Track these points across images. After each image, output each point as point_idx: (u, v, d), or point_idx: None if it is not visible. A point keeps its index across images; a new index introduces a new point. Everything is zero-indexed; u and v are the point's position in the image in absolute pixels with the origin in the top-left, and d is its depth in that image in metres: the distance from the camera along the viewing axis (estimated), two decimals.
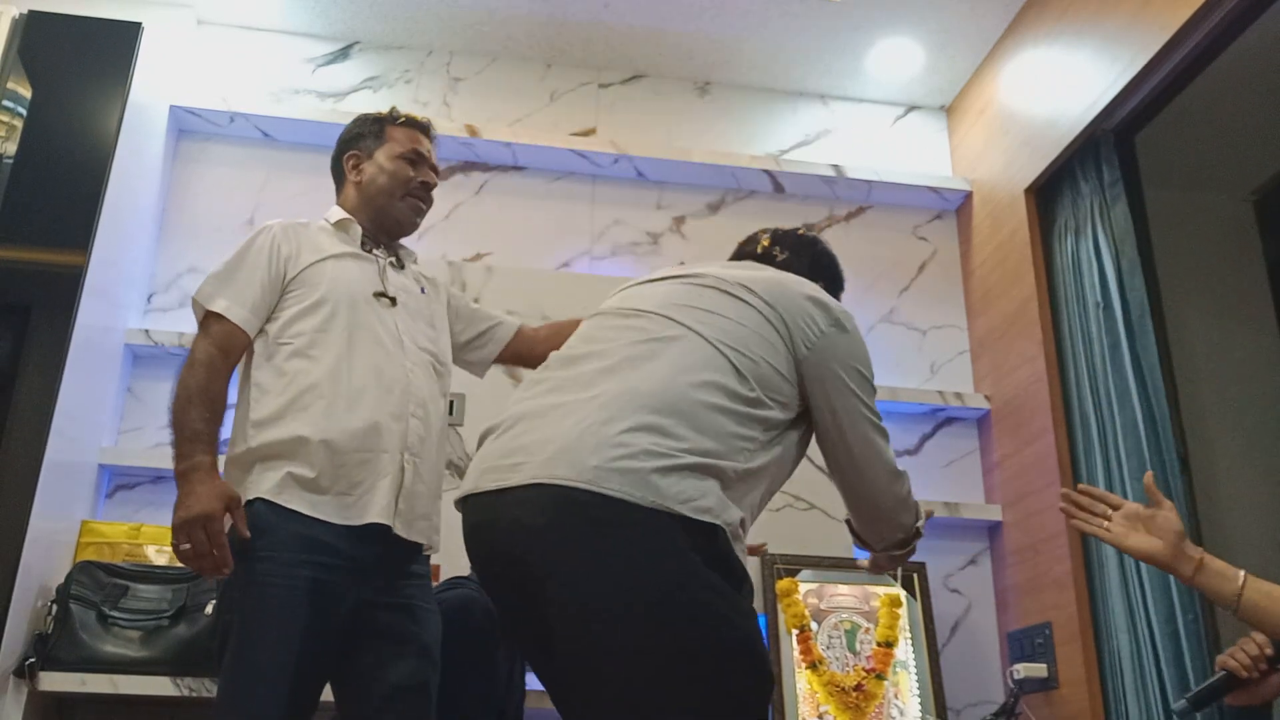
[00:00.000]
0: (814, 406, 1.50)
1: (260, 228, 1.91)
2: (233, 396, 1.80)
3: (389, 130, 2.04)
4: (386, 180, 1.99)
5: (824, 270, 1.79)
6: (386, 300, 1.89)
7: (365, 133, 2.05)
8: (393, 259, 1.99)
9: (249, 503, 1.70)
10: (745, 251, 1.81)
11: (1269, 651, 1.58)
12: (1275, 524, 3.06)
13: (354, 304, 1.84)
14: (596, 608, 1.25)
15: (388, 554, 1.76)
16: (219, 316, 1.79)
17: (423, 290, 2.00)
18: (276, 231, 1.90)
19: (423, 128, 2.07)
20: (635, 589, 1.24)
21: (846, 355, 1.51)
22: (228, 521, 1.65)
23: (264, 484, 1.70)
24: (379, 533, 1.74)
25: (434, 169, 2.07)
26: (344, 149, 2.06)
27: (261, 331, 1.84)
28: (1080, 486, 1.71)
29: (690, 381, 1.38)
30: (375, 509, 1.73)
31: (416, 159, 2.02)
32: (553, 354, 1.57)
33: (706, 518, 1.28)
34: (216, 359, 1.76)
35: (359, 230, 1.97)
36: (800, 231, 1.85)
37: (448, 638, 1.85)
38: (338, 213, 2.00)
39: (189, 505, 1.62)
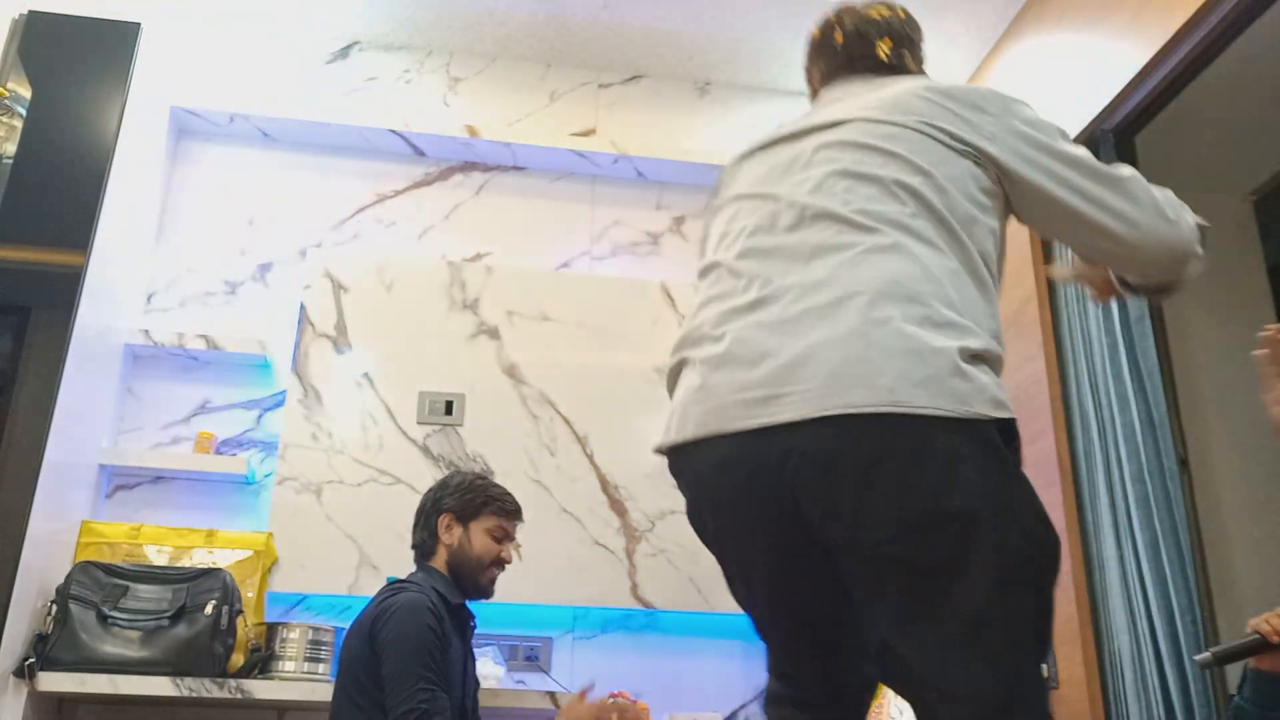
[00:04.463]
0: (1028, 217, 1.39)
1: None
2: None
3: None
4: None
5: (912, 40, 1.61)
6: None
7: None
8: None
9: None
10: (865, 65, 1.56)
11: None
12: (1275, 524, 3.06)
13: None
14: (919, 533, 1.13)
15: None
16: None
17: None
18: None
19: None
20: (959, 511, 1.12)
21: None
22: None
23: None
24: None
25: None
26: None
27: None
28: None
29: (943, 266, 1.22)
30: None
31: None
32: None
33: (1005, 413, 1.16)
34: None
35: None
36: (874, 15, 1.61)
37: (401, 638, 1.94)
38: None
39: None
